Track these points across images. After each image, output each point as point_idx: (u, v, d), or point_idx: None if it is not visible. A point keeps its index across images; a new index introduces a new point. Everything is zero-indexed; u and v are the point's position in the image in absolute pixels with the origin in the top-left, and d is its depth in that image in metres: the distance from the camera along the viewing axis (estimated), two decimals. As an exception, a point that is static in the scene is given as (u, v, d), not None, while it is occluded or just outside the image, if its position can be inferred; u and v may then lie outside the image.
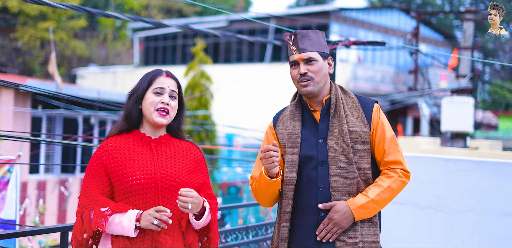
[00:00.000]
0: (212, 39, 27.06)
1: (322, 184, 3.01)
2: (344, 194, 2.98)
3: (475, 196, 4.92)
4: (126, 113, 2.97)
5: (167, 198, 2.86)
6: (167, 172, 2.88)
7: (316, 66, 3.06)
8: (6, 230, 5.07)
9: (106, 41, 34.19)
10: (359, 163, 3.01)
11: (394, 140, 3.10)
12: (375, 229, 3.02)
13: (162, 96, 2.94)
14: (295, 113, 3.16)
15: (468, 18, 14.69)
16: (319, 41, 3.11)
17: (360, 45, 6.26)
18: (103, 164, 2.86)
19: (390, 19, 29.39)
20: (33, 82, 14.71)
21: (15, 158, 5.54)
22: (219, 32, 6.55)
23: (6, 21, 28.65)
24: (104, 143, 2.94)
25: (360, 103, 3.14)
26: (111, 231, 2.77)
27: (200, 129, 16.93)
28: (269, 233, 5.21)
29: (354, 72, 25.02)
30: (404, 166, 3.08)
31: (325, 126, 3.09)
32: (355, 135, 3.03)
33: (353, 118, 3.08)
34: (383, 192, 2.99)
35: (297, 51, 3.08)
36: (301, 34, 3.10)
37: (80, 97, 5.81)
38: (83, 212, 2.79)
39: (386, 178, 3.03)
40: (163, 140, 2.99)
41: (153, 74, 2.99)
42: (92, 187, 2.83)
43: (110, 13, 5.47)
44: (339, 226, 2.94)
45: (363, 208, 2.95)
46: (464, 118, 13.59)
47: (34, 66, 28.19)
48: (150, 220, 2.73)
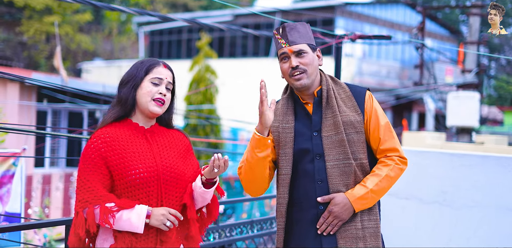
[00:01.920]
0: (217, 34, 27.03)
1: (320, 177, 2.99)
2: (342, 186, 2.97)
3: (481, 191, 4.91)
4: (121, 99, 2.90)
5: (169, 190, 2.85)
6: (167, 164, 2.87)
7: (307, 58, 3.02)
8: (11, 223, 5.08)
9: (111, 35, 34.17)
10: (355, 154, 2.99)
11: (388, 127, 3.07)
12: (375, 218, 3.01)
13: (160, 86, 2.90)
14: (287, 106, 3.12)
15: (474, 13, 14.63)
16: (307, 33, 3.08)
17: (366, 39, 6.24)
18: (102, 156, 2.79)
19: (396, 13, 29.30)
20: (38, 76, 14.72)
21: (20, 152, 5.56)
22: (224, 26, 6.53)
23: (11, 15, 28.66)
24: (99, 133, 2.85)
25: (352, 92, 3.11)
26: (119, 227, 2.75)
27: (205, 123, 16.93)
28: (274, 227, 5.21)
29: (359, 67, 24.95)
30: (400, 152, 3.07)
31: (318, 118, 3.06)
32: (349, 126, 3.00)
33: (346, 108, 3.05)
34: (381, 181, 2.97)
35: (287, 44, 3.03)
36: (289, 26, 3.05)
37: (85, 91, 5.80)
38: (86, 208, 2.73)
39: (383, 167, 3.02)
40: (155, 130, 2.97)
41: (150, 63, 2.94)
42: (94, 181, 2.76)
43: (116, 7, 5.46)
44: (339, 218, 2.92)
45: (362, 199, 2.94)
46: (469, 113, 13.55)
47: (40, 60, 28.21)
48: (162, 221, 2.74)
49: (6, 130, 4.93)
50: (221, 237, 4.68)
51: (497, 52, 39.39)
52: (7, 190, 5.33)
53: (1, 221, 5.21)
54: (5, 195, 5.30)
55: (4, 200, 5.29)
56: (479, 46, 14.83)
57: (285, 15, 24.51)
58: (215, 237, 4.63)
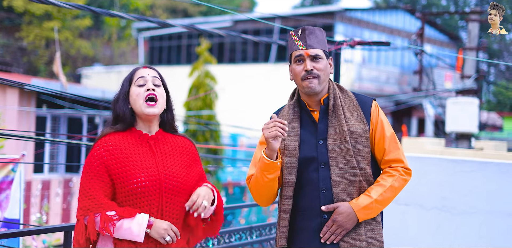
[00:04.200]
0: (217, 39, 27.06)
1: (324, 186, 2.97)
2: (347, 195, 2.95)
3: (480, 197, 4.90)
4: (118, 115, 2.91)
5: (171, 199, 2.84)
6: (169, 172, 2.86)
7: (322, 64, 3.01)
8: (10, 229, 5.07)
9: (111, 41, 34.21)
10: (360, 163, 2.98)
11: (393, 138, 3.06)
12: (378, 228, 3.01)
13: (146, 85, 2.91)
14: (293, 113, 3.10)
15: (473, 19, 14.65)
16: (323, 40, 3.07)
17: (365, 45, 6.25)
18: (105, 164, 2.81)
19: (395, 19, 29.35)
20: (38, 82, 14.74)
21: (19, 157, 5.54)
22: (224, 32, 6.54)
23: (11, 21, 28.70)
24: (102, 142, 2.87)
25: (358, 101, 3.09)
26: (119, 236, 2.74)
27: (205, 129, 16.93)
28: (273, 233, 5.20)
29: (358, 73, 24.98)
30: (405, 164, 3.06)
31: (324, 126, 3.04)
32: (355, 135, 2.99)
33: (352, 118, 3.03)
34: (386, 192, 2.96)
35: (304, 46, 3.01)
36: (309, 30, 3.04)
37: (84, 97, 5.80)
38: (87, 215, 2.73)
39: (387, 177, 3.01)
40: (159, 137, 2.96)
41: (131, 72, 2.99)
42: (95, 189, 2.77)
43: (115, 13, 5.46)
44: (343, 227, 2.91)
45: (366, 209, 2.93)
46: (469, 119, 13.55)
47: (39, 66, 28.23)
48: (163, 235, 2.75)
49: (5, 136, 4.93)
50: (220, 243, 4.67)
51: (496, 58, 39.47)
52: (6, 196, 5.32)
53: (0, 227, 5.20)
54: (4, 201, 5.29)
55: (3, 206, 5.28)
56: (478, 52, 14.86)
57: (284, 21, 24.55)
58: (214, 243, 4.62)
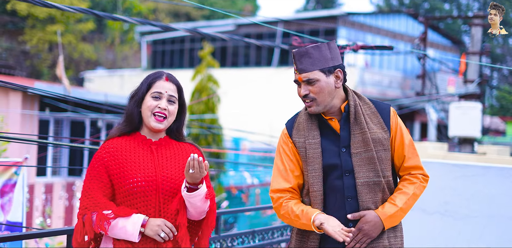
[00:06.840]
0: (220, 43, 27.09)
1: (349, 194, 2.96)
2: (371, 203, 2.95)
3: (483, 202, 4.90)
4: (127, 115, 2.97)
5: (168, 201, 2.87)
6: (167, 175, 2.89)
7: (317, 86, 2.94)
8: (13, 232, 5.07)
9: (113, 45, 34.27)
10: (383, 171, 2.98)
11: (412, 145, 3.07)
12: (400, 235, 3.03)
13: (160, 101, 2.93)
14: (311, 121, 3.05)
15: (476, 23, 14.65)
16: (321, 57, 2.95)
17: (368, 50, 6.25)
18: (104, 165, 2.87)
19: (398, 24, 29.35)
20: (41, 85, 14.76)
21: (22, 161, 5.56)
22: (226, 36, 6.55)
23: (14, 24, 28.77)
24: (105, 145, 2.94)
25: (376, 108, 3.08)
26: (114, 234, 2.79)
27: (207, 133, 16.93)
28: (276, 237, 5.19)
29: (361, 77, 24.98)
30: (424, 171, 3.07)
31: (347, 134, 3.00)
32: (377, 143, 2.98)
33: (373, 125, 3.01)
34: (409, 200, 2.97)
35: (297, 71, 2.97)
36: (299, 54, 2.95)
37: (87, 100, 5.81)
38: (84, 214, 2.80)
39: (409, 185, 3.01)
40: (163, 143, 3.00)
41: (153, 77, 2.97)
42: (94, 188, 2.84)
43: (118, 17, 5.47)
44: (369, 236, 2.89)
45: (392, 218, 2.93)
46: (471, 124, 13.53)
47: (42, 69, 28.30)
48: (157, 231, 2.77)
49: (8, 139, 4.94)
50: (222, 247, 4.67)
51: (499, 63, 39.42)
52: (8, 199, 5.33)
53: (3, 230, 5.21)
54: (6, 204, 5.30)
55: (5, 209, 5.28)
56: (481, 56, 14.84)
57: (287, 25, 24.58)
58: (216, 247, 4.62)
